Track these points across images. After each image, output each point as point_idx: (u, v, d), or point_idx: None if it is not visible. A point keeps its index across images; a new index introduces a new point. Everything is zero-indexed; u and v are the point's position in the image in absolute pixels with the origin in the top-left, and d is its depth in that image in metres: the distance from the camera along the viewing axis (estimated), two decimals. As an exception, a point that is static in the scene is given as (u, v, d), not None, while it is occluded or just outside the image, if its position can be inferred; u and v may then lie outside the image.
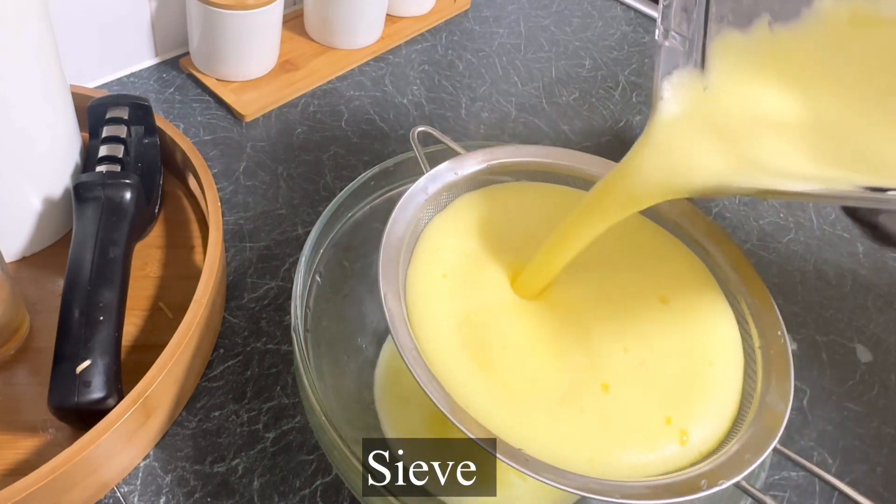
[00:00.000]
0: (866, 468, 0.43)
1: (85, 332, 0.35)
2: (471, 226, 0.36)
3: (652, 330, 0.33)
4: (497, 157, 0.38)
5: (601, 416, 0.30)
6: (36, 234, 0.43)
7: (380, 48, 0.66)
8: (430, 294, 0.32)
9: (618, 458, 0.28)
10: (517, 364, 0.31)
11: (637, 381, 0.31)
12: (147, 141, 0.47)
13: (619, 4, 0.80)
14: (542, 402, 0.30)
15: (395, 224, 0.33)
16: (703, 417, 0.30)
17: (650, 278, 0.35)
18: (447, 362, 0.30)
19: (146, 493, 0.36)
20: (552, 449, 0.28)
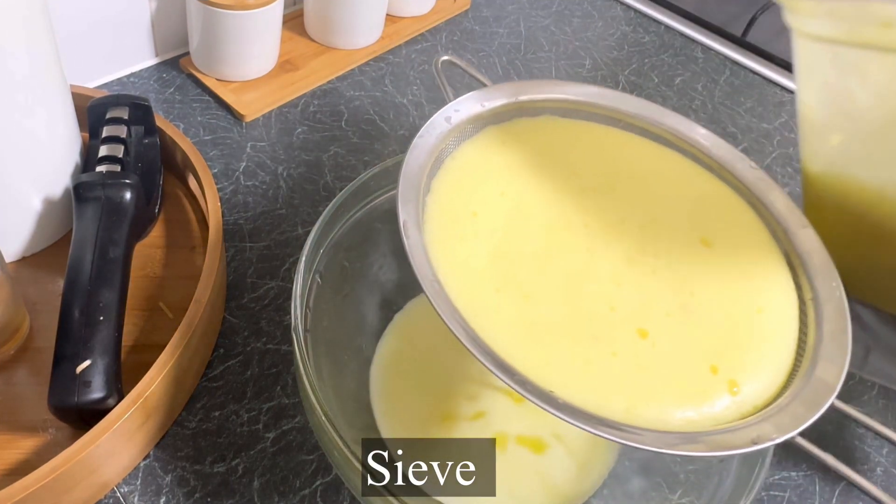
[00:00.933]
0: (866, 468, 0.43)
1: (85, 332, 0.35)
2: (502, 161, 0.34)
3: (694, 274, 0.31)
4: (527, 91, 0.35)
5: (638, 362, 0.28)
6: (36, 234, 0.43)
7: (380, 48, 0.66)
8: (456, 231, 0.31)
9: (659, 408, 0.26)
10: (547, 304, 0.29)
11: (678, 328, 0.29)
12: (147, 141, 0.47)
13: (619, 4, 0.80)
14: (572, 344, 0.28)
15: (416, 151, 0.31)
16: (755, 368, 0.28)
17: (692, 221, 0.34)
18: (471, 296, 0.28)
19: (146, 493, 0.36)
20: (584, 395, 0.26)
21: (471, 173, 0.33)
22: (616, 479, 0.38)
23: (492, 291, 0.29)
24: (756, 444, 0.25)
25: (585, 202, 0.34)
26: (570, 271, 0.31)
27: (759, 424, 0.26)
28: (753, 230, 0.33)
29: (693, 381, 0.28)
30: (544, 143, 0.35)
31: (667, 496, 0.35)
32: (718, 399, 0.27)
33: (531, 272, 0.30)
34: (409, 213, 0.29)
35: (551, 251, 0.31)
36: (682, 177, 0.36)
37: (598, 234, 0.32)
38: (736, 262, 0.32)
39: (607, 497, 0.37)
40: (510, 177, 0.33)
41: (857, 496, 0.42)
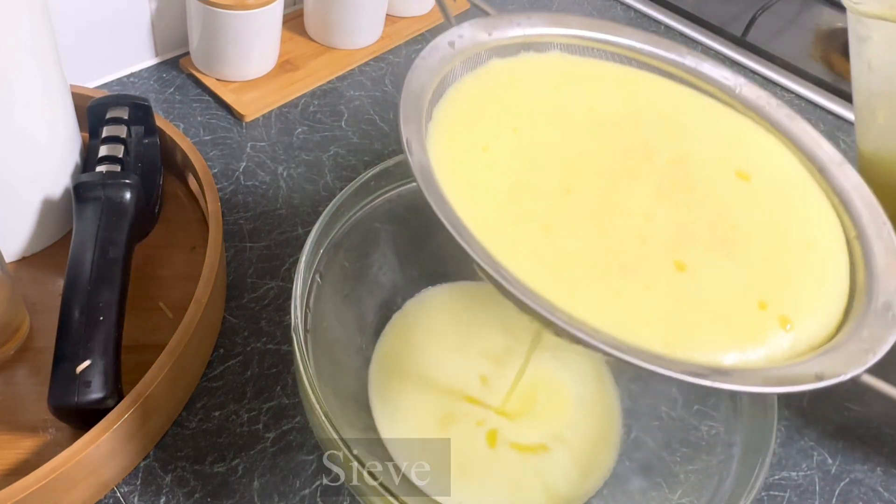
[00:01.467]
0: (866, 468, 0.43)
1: (85, 332, 0.35)
2: (511, 97, 0.32)
3: (733, 207, 0.29)
4: (536, 24, 0.33)
5: (676, 295, 0.26)
6: (36, 234, 0.43)
7: (380, 48, 0.66)
8: (465, 164, 0.29)
9: (700, 344, 0.24)
10: (571, 235, 0.27)
11: (719, 261, 0.27)
12: (147, 141, 0.47)
13: (619, 4, 0.80)
14: (600, 274, 0.26)
15: (417, 72, 0.29)
16: (810, 304, 0.26)
17: (725, 155, 0.32)
18: (484, 227, 0.26)
19: (146, 493, 0.36)
20: (616, 329, 0.24)
21: (479, 107, 0.31)
22: (616, 479, 0.38)
23: (507, 224, 0.27)
24: (822, 381, 0.23)
25: (607, 139, 0.31)
26: (594, 204, 0.29)
27: (820, 360, 0.24)
28: (791, 165, 0.32)
29: (739, 317, 0.26)
30: (556, 80, 0.33)
31: (667, 496, 0.35)
32: (770, 336, 0.25)
33: (552, 205, 0.28)
34: (412, 132, 0.27)
35: (573, 185, 0.29)
36: (709, 114, 0.34)
37: (624, 168, 0.30)
38: (778, 196, 0.30)
39: (607, 497, 0.37)
40: (522, 113, 0.31)
41: (857, 496, 0.42)
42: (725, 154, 0.32)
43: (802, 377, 0.23)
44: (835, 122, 0.69)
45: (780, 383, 0.23)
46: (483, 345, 0.42)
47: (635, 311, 0.25)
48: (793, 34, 0.81)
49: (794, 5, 0.85)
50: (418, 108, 0.28)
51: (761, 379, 0.23)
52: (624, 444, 0.39)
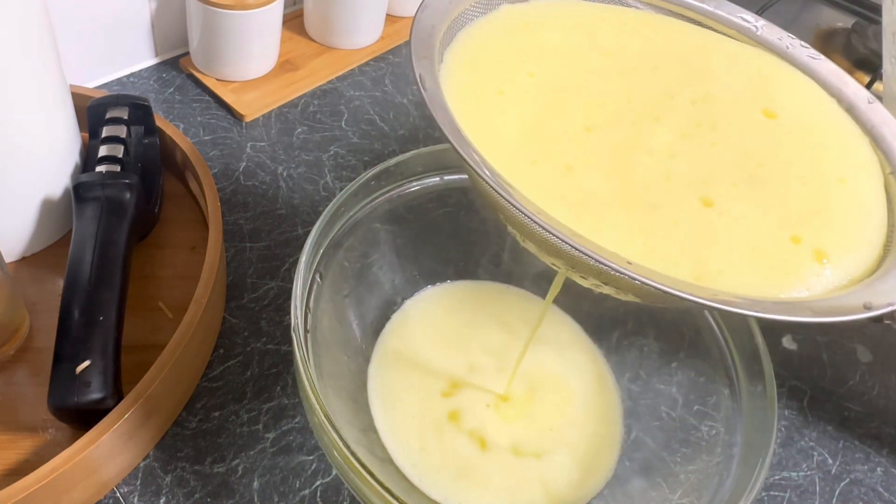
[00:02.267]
0: (866, 468, 0.43)
1: (85, 332, 0.35)
2: (526, 41, 0.31)
3: (760, 145, 0.29)
4: None
5: (704, 231, 0.25)
6: (36, 234, 0.43)
7: (380, 48, 0.66)
8: (479, 106, 0.28)
9: (734, 279, 0.24)
10: (594, 174, 0.27)
11: (748, 197, 0.26)
12: (147, 141, 0.47)
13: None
14: (625, 211, 0.25)
15: (428, 10, 0.28)
16: (845, 237, 0.26)
17: (751, 94, 0.31)
18: (503, 167, 0.25)
19: (146, 493, 0.36)
20: (646, 263, 0.23)
21: (493, 52, 0.30)
22: (616, 480, 0.38)
23: (528, 163, 0.26)
24: (870, 310, 0.22)
25: (626, 81, 0.31)
26: (616, 144, 0.28)
27: (866, 292, 0.23)
28: (819, 102, 0.31)
29: (772, 251, 0.25)
30: (571, 24, 0.33)
31: (667, 496, 0.35)
32: (806, 270, 0.24)
33: (572, 145, 0.28)
34: (425, 67, 0.26)
35: (593, 126, 0.29)
36: (731, 54, 0.33)
37: (645, 109, 0.30)
38: (807, 132, 0.29)
39: (607, 497, 0.37)
40: (538, 57, 0.31)
41: (857, 496, 0.42)
42: (750, 93, 0.31)
43: (850, 307, 0.23)
44: (835, 122, 0.69)
45: (828, 314, 0.22)
46: (482, 343, 0.42)
47: (663, 246, 0.24)
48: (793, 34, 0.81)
49: (794, 5, 0.85)
50: (430, 46, 0.27)
51: (809, 310, 0.22)
52: (624, 444, 0.39)
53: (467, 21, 0.31)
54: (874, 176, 0.29)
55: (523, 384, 0.41)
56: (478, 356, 0.42)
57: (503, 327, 0.43)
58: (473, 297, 0.45)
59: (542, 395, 0.41)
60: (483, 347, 0.42)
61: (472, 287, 0.45)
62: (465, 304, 0.45)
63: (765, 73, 0.33)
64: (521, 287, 0.46)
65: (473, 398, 0.40)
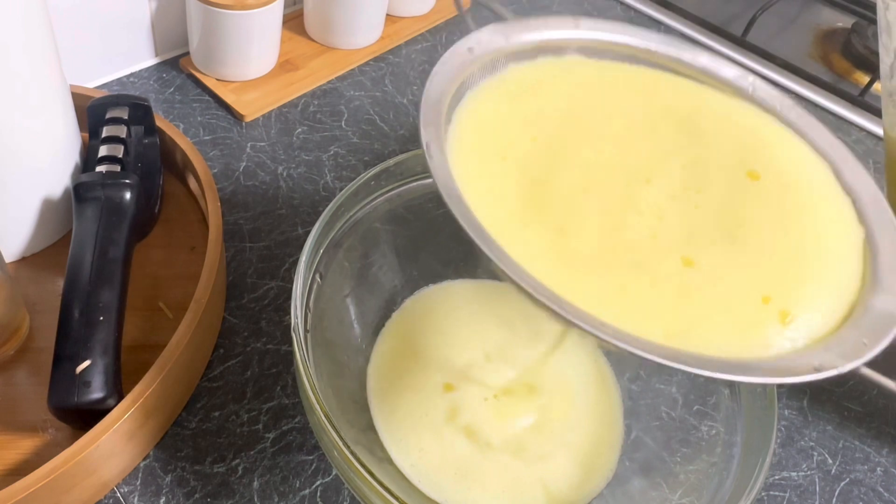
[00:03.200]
0: (866, 468, 0.43)
1: (85, 332, 0.35)
2: (530, 105, 0.32)
3: (741, 206, 0.30)
4: (552, 27, 0.34)
5: (680, 290, 0.26)
6: (36, 234, 0.43)
7: (380, 48, 0.66)
8: (482, 170, 0.29)
9: (700, 337, 0.25)
10: (583, 236, 0.28)
11: (725, 256, 0.28)
12: (147, 141, 0.47)
13: (619, 4, 0.80)
14: (607, 271, 0.27)
15: (437, 78, 0.30)
16: (811, 298, 0.27)
17: (738, 156, 0.32)
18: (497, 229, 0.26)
19: (146, 493, 0.36)
20: (618, 321, 0.24)
21: (498, 115, 0.32)
22: (616, 480, 0.38)
23: (519, 227, 0.28)
24: (819, 372, 0.23)
25: (622, 145, 0.32)
26: (608, 207, 0.30)
27: (820, 353, 0.25)
28: (806, 162, 0.32)
29: (742, 310, 0.26)
30: (573, 86, 0.34)
31: (667, 496, 0.35)
32: (770, 330, 0.26)
33: (566, 209, 0.29)
34: (431, 135, 0.28)
35: (587, 190, 0.30)
36: (723, 113, 0.34)
37: (637, 174, 0.31)
38: (787, 194, 0.31)
39: (607, 497, 0.37)
40: (541, 121, 0.32)
41: (857, 496, 0.42)
42: (738, 155, 0.32)
43: (800, 368, 0.24)
44: (835, 122, 0.69)
45: (778, 374, 0.23)
46: (482, 342, 0.42)
47: (639, 305, 0.26)
48: (793, 34, 0.81)
49: (794, 5, 0.85)
50: (438, 113, 0.29)
51: (760, 370, 0.24)
52: (624, 445, 0.39)
53: (475, 82, 0.32)
54: (849, 237, 0.30)
55: (523, 384, 0.41)
56: (478, 355, 0.42)
57: (503, 325, 0.43)
58: (473, 295, 0.45)
59: (542, 395, 0.41)
60: (483, 347, 0.42)
61: (472, 286, 0.45)
62: (465, 302, 0.45)
63: (754, 134, 0.34)
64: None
65: (473, 398, 0.40)
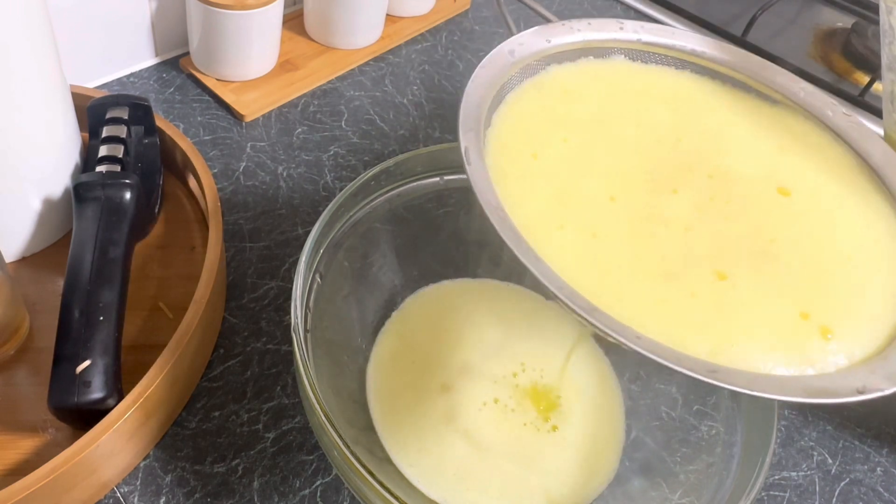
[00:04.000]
0: (866, 468, 0.43)
1: (85, 332, 0.35)
2: (567, 108, 0.33)
3: (772, 222, 0.30)
4: (596, 29, 0.34)
5: (719, 303, 0.26)
6: (36, 234, 0.43)
7: (380, 48, 0.66)
8: (515, 169, 0.30)
9: (746, 352, 0.25)
10: (616, 243, 0.28)
11: (759, 271, 0.28)
12: (147, 141, 0.47)
13: (619, 4, 0.80)
14: (645, 281, 0.27)
15: (477, 81, 0.30)
16: (852, 316, 0.27)
17: (769, 169, 0.32)
18: (534, 232, 0.27)
19: (146, 493, 0.36)
20: (663, 334, 0.24)
21: (533, 116, 0.32)
22: (616, 480, 0.38)
23: (555, 228, 0.28)
24: (862, 394, 0.23)
25: (651, 152, 0.33)
26: (636, 215, 0.30)
27: (864, 374, 0.24)
28: (848, 173, 0.32)
29: (782, 326, 0.26)
30: (609, 92, 0.34)
31: (667, 496, 0.35)
32: (811, 346, 0.25)
33: (596, 213, 0.29)
34: (471, 140, 0.28)
35: (615, 197, 0.30)
36: (763, 122, 0.34)
37: (664, 181, 0.31)
38: (818, 210, 0.31)
39: (607, 497, 0.37)
40: (574, 124, 0.33)
41: (857, 496, 0.42)
42: (767, 170, 0.32)
43: (843, 390, 0.23)
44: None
45: (820, 395, 0.23)
46: (482, 341, 0.42)
47: (682, 318, 0.26)
48: (793, 34, 0.81)
49: (794, 5, 0.85)
50: (476, 119, 0.29)
51: (802, 390, 0.23)
52: (624, 445, 0.39)
53: (516, 84, 0.33)
54: (886, 251, 0.29)
55: (523, 384, 0.41)
56: (477, 355, 0.42)
57: (503, 324, 0.43)
58: (472, 294, 0.45)
59: (542, 395, 0.41)
60: (482, 346, 0.42)
61: (472, 285, 0.45)
62: (465, 302, 0.45)
63: (786, 148, 0.33)
64: (521, 284, 0.46)
65: (472, 398, 0.40)
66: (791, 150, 0.33)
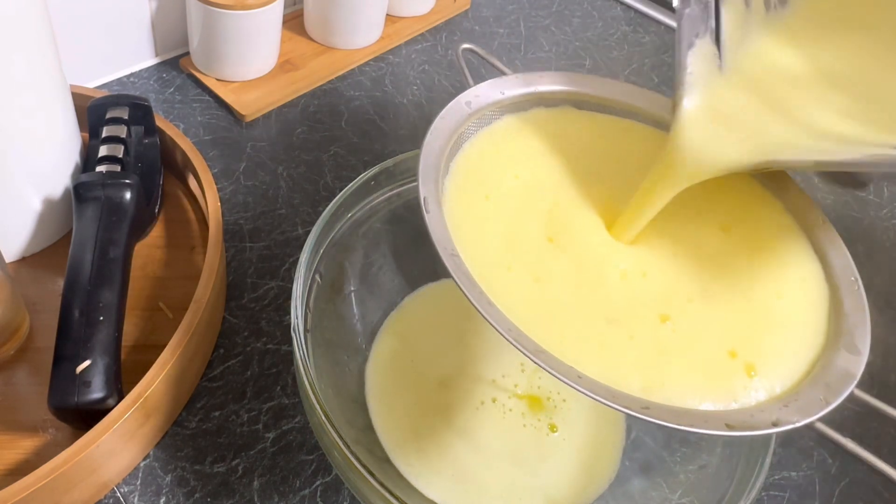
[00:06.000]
0: (866, 468, 0.43)
1: (85, 332, 0.35)
2: (518, 147, 0.35)
3: (714, 259, 0.32)
4: (546, 81, 0.36)
5: (656, 346, 0.28)
6: (36, 234, 0.43)
7: (380, 48, 0.66)
8: (470, 213, 0.31)
9: (675, 390, 0.27)
10: (559, 287, 0.29)
11: (699, 313, 0.29)
12: (147, 141, 0.47)
13: (619, 4, 0.80)
14: (586, 326, 0.28)
15: (436, 132, 0.32)
16: (774, 353, 0.28)
17: (710, 206, 0.34)
18: (485, 274, 0.29)
19: (146, 493, 0.36)
20: (599, 374, 0.26)
21: (487, 159, 0.34)
22: (616, 480, 0.38)
23: (504, 270, 0.29)
24: (777, 427, 0.25)
25: (599, 188, 0.34)
26: (583, 255, 0.31)
27: (780, 408, 0.26)
28: (775, 217, 0.33)
29: (711, 365, 0.28)
30: (559, 132, 0.36)
31: (667, 496, 0.35)
32: (736, 383, 0.27)
33: (541, 255, 0.30)
34: (430, 190, 0.30)
35: (562, 235, 0.31)
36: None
37: (613, 218, 0.32)
38: (756, 248, 0.32)
39: (607, 497, 0.37)
40: (524, 162, 0.34)
41: (857, 496, 0.42)
42: (710, 205, 0.34)
43: (760, 423, 0.25)
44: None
45: (739, 428, 0.25)
46: (480, 340, 0.42)
47: (618, 360, 0.27)
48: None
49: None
50: (435, 168, 0.31)
51: (723, 423, 0.25)
52: (624, 445, 0.39)
53: (472, 133, 0.34)
54: (815, 296, 0.31)
55: (522, 384, 0.41)
56: (476, 355, 0.42)
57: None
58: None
59: (542, 396, 0.41)
60: (482, 346, 0.42)
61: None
62: (463, 300, 0.44)
63: (730, 186, 0.34)
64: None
65: (471, 398, 0.40)
66: (730, 190, 0.35)
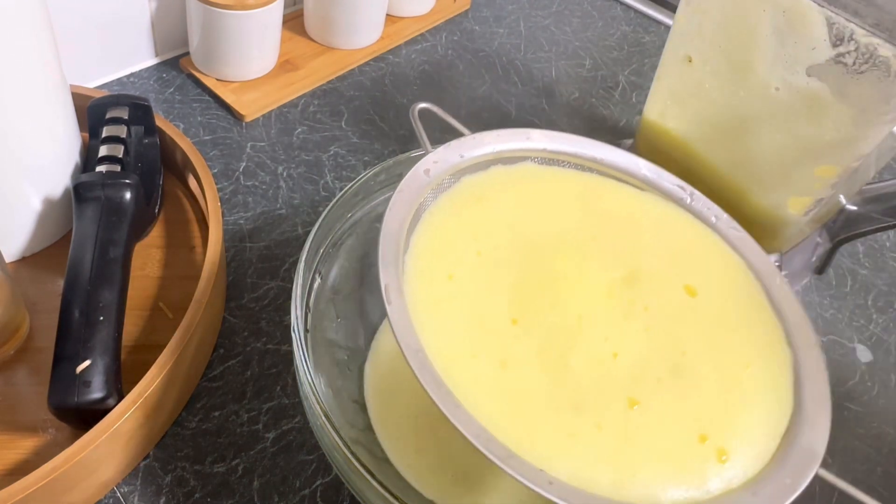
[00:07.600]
0: (866, 468, 0.43)
1: (85, 332, 0.35)
2: (479, 216, 0.33)
3: (684, 329, 0.31)
4: (505, 140, 0.36)
5: (625, 433, 0.27)
6: (36, 234, 0.43)
7: (380, 48, 0.66)
8: (434, 294, 0.30)
9: (646, 482, 0.26)
10: (526, 372, 0.28)
11: (668, 394, 0.28)
12: (147, 141, 0.47)
13: (619, 4, 0.80)
14: (554, 416, 0.27)
15: (395, 209, 0.31)
16: (744, 434, 0.28)
17: (676, 267, 0.33)
18: (449, 363, 0.27)
19: (146, 493, 0.36)
20: (570, 469, 0.26)
21: (448, 230, 0.32)
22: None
23: (469, 357, 0.28)
24: None
25: (565, 256, 0.33)
26: (548, 337, 0.30)
27: (748, 496, 0.26)
28: (739, 278, 0.33)
29: (681, 452, 0.27)
30: (521, 195, 0.35)
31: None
32: (707, 470, 0.27)
33: (506, 339, 0.29)
34: (391, 275, 0.29)
35: (526, 315, 0.30)
36: (662, 222, 0.35)
37: (581, 290, 0.32)
38: (722, 313, 0.31)
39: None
40: (486, 233, 0.33)
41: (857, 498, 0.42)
42: (676, 265, 0.33)
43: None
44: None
45: None
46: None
47: (588, 452, 0.26)
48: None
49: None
50: (396, 248, 0.30)
51: None
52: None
53: (430, 201, 0.33)
54: (779, 362, 0.30)
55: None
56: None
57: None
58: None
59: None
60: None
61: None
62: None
63: (692, 244, 0.34)
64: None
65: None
66: (691, 249, 0.34)
